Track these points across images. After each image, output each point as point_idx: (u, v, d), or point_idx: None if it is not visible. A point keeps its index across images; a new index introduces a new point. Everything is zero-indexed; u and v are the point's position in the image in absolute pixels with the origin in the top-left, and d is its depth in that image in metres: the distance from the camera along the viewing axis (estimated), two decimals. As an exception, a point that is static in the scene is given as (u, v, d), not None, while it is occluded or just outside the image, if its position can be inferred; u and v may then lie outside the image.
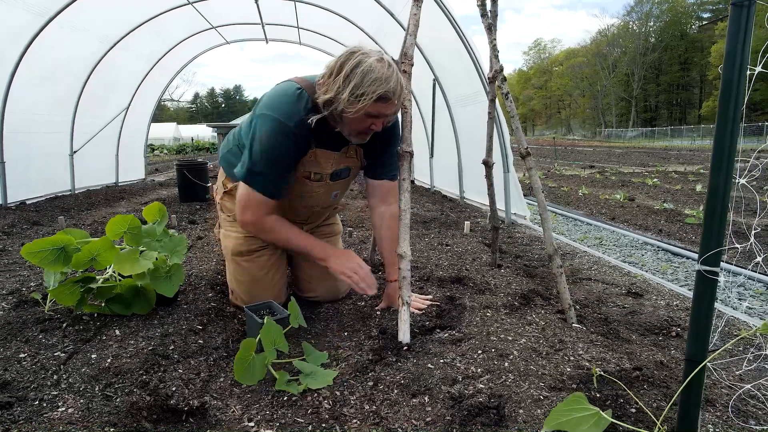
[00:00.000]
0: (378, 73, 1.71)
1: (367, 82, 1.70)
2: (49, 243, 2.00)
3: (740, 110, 1.04)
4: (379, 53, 1.78)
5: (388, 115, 1.83)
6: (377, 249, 2.39)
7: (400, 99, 1.83)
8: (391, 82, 1.73)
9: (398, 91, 1.77)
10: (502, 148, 4.97)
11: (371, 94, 1.70)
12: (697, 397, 1.16)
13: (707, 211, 1.11)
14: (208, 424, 1.44)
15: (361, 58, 1.73)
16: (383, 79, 1.71)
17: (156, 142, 31.87)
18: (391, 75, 1.73)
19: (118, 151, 8.54)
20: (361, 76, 1.70)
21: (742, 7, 1.03)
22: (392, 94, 1.75)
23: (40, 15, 5.31)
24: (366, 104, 1.72)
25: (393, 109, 1.83)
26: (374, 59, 1.74)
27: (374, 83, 1.70)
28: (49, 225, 4.57)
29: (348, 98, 1.72)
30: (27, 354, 1.74)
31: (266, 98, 1.96)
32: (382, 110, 1.79)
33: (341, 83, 1.73)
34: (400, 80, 1.78)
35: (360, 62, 1.72)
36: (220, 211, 2.39)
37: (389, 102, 1.77)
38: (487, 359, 1.71)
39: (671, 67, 61.27)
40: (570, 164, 16.76)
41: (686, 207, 6.67)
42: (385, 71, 1.72)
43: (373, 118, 1.81)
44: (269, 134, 1.87)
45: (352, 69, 1.72)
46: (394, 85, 1.74)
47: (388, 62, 1.76)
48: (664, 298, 2.62)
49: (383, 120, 1.85)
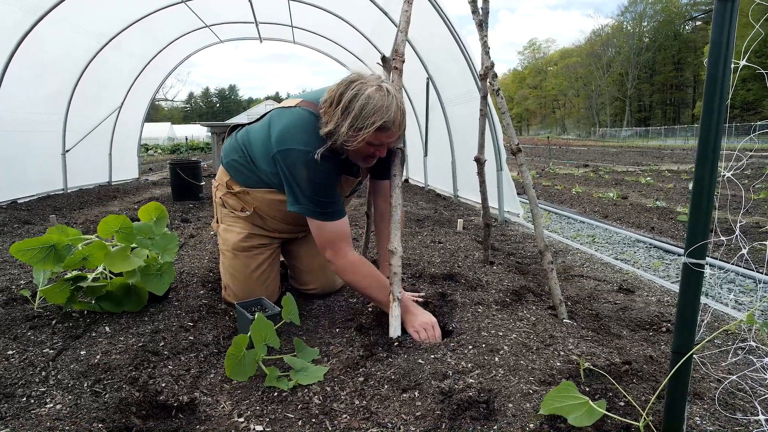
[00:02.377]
0: (376, 103, 1.69)
1: (366, 113, 1.68)
2: (39, 241, 1.99)
3: (725, 103, 1.05)
4: (377, 80, 1.76)
5: (390, 142, 1.82)
6: (377, 245, 2.39)
7: (401, 126, 1.80)
8: (390, 111, 1.71)
9: (398, 119, 1.75)
10: (495, 146, 4.98)
11: (370, 126, 1.69)
12: (684, 388, 1.17)
13: (693, 204, 1.12)
14: (198, 420, 1.43)
15: (360, 88, 1.71)
16: (382, 109, 1.69)
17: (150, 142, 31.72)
18: (390, 104, 1.71)
19: (111, 150, 8.50)
20: (360, 108, 1.69)
21: (726, 2, 1.04)
22: (392, 123, 1.73)
23: (30, 12, 5.27)
24: (366, 135, 1.71)
25: (395, 136, 1.81)
26: (373, 89, 1.71)
27: (373, 114, 1.68)
28: (41, 224, 4.54)
29: (347, 131, 1.71)
30: (15, 351, 1.73)
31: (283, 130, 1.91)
32: (383, 139, 1.78)
33: (340, 115, 1.72)
34: (400, 107, 1.76)
35: (358, 93, 1.70)
36: (221, 207, 2.35)
37: (389, 131, 1.76)
38: (477, 354, 1.72)
39: (665, 67, 61.57)
40: (564, 163, 16.82)
41: (678, 205, 6.71)
42: (384, 101, 1.70)
43: (375, 146, 1.80)
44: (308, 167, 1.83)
45: (350, 100, 1.70)
46: (394, 115, 1.72)
47: (387, 90, 1.74)
48: (655, 294, 2.64)
49: (386, 146, 1.84)
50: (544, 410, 1.22)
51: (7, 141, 5.70)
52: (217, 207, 2.41)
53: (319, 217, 1.90)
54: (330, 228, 1.91)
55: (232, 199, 2.27)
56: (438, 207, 5.80)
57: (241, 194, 2.23)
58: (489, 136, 4.79)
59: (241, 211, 2.26)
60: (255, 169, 2.10)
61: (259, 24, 8.52)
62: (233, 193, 2.25)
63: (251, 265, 2.26)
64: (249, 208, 2.23)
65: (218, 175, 2.36)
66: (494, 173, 4.94)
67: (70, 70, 6.78)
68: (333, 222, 1.91)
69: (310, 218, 1.92)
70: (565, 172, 13.12)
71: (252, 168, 2.12)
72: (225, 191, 2.29)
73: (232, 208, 2.29)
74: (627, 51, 61.70)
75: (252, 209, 2.23)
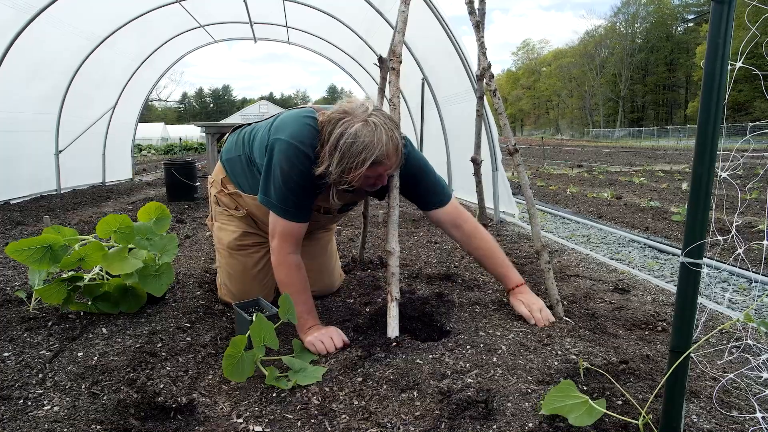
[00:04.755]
0: (364, 140, 1.67)
1: (354, 152, 1.67)
2: (35, 241, 1.97)
3: (722, 102, 1.06)
4: (365, 113, 1.73)
5: (385, 172, 1.81)
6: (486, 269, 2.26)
7: (396, 156, 1.79)
8: (378, 147, 1.68)
9: (389, 151, 1.73)
10: (491, 146, 5.00)
11: (361, 164, 1.68)
12: (682, 386, 1.18)
13: (690, 204, 1.13)
14: (197, 421, 1.43)
15: (346, 126, 1.69)
16: (371, 145, 1.67)
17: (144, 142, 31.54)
18: (379, 138, 1.68)
19: (105, 150, 8.45)
20: (347, 147, 1.67)
21: (723, 4, 1.05)
22: (383, 156, 1.71)
23: (23, 11, 5.23)
24: (357, 173, 1.70)
25: (390, 166, 1.80)
26: (359, 125, 1.69)
27: (363, 152, 1.67)
28: (34, 225, 4.51)
29: (336, 171, 1.71)
30: (11, 353, 1.72)
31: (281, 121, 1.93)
32: (379, 171, 1.77)
33: (328, 155, 1.72)
34: (390, 139, 1.72)
35: (344, 132, 1.68)
36: (215, 204, 2.36)
37: (383, 164, 1.75)
38: (475, 354, 1.72)
39: (657, 68, 61.97)
40: (558, 163, 16.89)
41: (672, 205, 6.75)
42: (372, 136, 1.68)
43: (373, 178, 1.79)
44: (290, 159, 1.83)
45: (337, 140, 1.69)
46: (384, 148, 1.70)
47: (374, 124, 1.71)
48: (651, 293, 2.65)
49: (385, 176, 1.83)
50: (545, 410, 1.23)
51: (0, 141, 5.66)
52: (211, 204, 2.41)
53: (280, 212, 1.89)
54: (285, 225, 1.91)
55: (226, 197, 2.28)
56: (433, 207, 5.80)
57: (234, 195, 2.24)
58: (485, 136, 4.81)
59: (235, 209, 2.27)
60: (251, 165, 2.11)
61: (254, 24, 8.50)
62: (227, 192, 2.26)
63: (247, 263, 2.26)
64: (242, 209, 2.25)
65: (214, 172, 2.37)
66: (490, 173, 4.95)
67: (63, 70, 6.73)
68: (289, 222, 1.91)
69: (271, 211, 1.92)
70: (559, 172, 13.17)
71: (249, 164, 2.12)
72: (219, 188, 2.30)
73: (226, 206, 2.29)
74: (620, 52, 62.06)
75: (245, 211, 2.24)
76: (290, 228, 1.91)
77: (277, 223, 1.91)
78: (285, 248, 1.92)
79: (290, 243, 1.93)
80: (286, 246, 1.92)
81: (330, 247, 2.51)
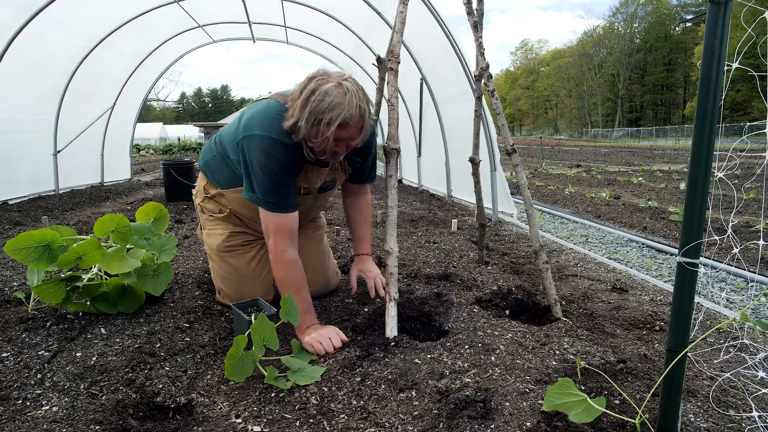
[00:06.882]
0: (333, 98, 1.71)
1: (323, 108, 1.70)
2: (34, 240, 1.97)
3: (719, 103, 1.06)
4: (340, 77, 1.78)
5: (350, 138, 1.84)
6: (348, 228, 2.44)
7: (362, 124, 1.82)
8: (346, 109, 1.71)
9: (355, 117, 1.76)
10: (489, 146, 5.00)
11: (326, 122, 1.71)
12: (679, 386, 1.18)
13: (687, 204, 1.13)
14: (195, 421, 1.43)
15: (319, 83, 1.74)
16: (339, 105, 1.71)
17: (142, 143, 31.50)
18: (348, 102, 1.72)
19: (104, 150, 8.43)
20: (318, 103, 1.71)
21: (719, 5, 1.06)
22: (349, 119, 1.74)
23: (21, 11, 5.21)
24: (324, 131, 1.73)
25: (354, 133, 1.82)
26: (332, 85, 1.73)
27: (330, 110, 1.70)
28: (33, 225, 4.50)
29: (305, 125, 1.74)
30: (10, 353, 1.72)
31: (249, 118, 1.96)
32: (341, 134, 1.79)
33: (299, 109, 1.75)
34: (359, 105, 1.76)
35: (316, 89, 1.73)
36: (200, 212, 2.41)
37: (348, 127, 1.77)
38: (473, 354, 1.73)
39: (656, 68, 62.02)
40: (557, 163, 16.90)
41: (670, 205, 6.77)
42: (340, 98, 1.71)
43: (336, 141, 1.81)
44: (265, 152, 1.86)
45: (309, 95, 1.73)
46: (350, 112, 1.73)
47: (347, 88, 1.75)
48: (648, 293, 2.66)
49: (346, 143, 1.85)
50: (546, 407, 1.24)
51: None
52: (198, 214, 2.45)
53: (268, 206, 1.92)
54: (276, 219, 1.93)
55: (210, 203, 2.33)
56: (432, 207, 5.81)
57: (217, 197, 2.29)
58: (483, 136, 4.81)
59: (219, 212, 2.31)
60: (227, 160, 2.14)
61: (253, 24, 8.49)
62: (210, 197, 2.31)
63: (240, 264, 2.26)
64: (225, 209, 2.28)
65: (198, 182, 2.44)
66: (488, 173, 4.96)
67: (61, 70, 6.71)
68: (280, 214, 1.93)
69: (260, 207, 1.95)
70: (557, 172, 13.19)
71: (225, 160, 2.16)
72: (203, 197, 2.35)
73: (211, 212, 2.34)
74: (618, 52, 62.11)
75: (228, 210, 2.28)
76: (282, 221, 1.94)
77: (269, 218, 1.94)
78: (281, 245, 1.94)
79: (285, 238, 1.95)
80: (281, 242, 1.94)
81: (322, 245, 2.52)
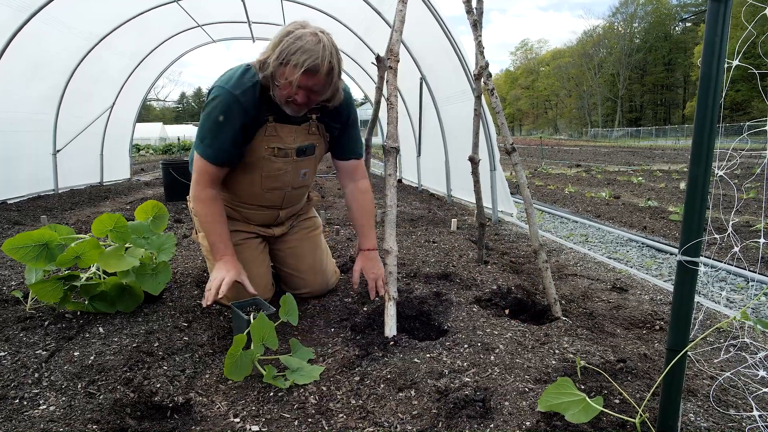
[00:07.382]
0: (305, 44, 1.76)
1: (293, 49, 1.76)
2: (32, 239, 1.96)
3: (719, 101, 1.06)
4: (317, 29, 1.83)
5: (313, 89, 1.86)
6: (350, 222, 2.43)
7: (330, 80, 1.85)
8: (314, 56, 1.76)
9: (323, 68, 1.79)
10: (489, 146, 5.00)
11: (294, 63, 1.76)
12: (679, 385, 1.18)
13: (688, 202, 1.13)
14: (193, 421, 1.43)
15: (295, 28, 1.81)
16: (309, 51, 1.75)
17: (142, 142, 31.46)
18: (320, 49, 1.77)
19: (103, 150, 8.43)
20: (289, 44, 1.77)
21: (720, 2, 1.05)
22: (317, 68, 1.77)
23: (20, 10, 5.20)
24: (289, 72, 1.78)
25: (318, 83, 1.84)
26: (308, 32, 1.80)
27: (300, 53, 1.75)
28: (32, 225, 4.50)
29: (274, 62, 1.80)
30: (7, 353, 1.71)
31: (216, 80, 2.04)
32: (305, 82, 1.82)
33: (271, 47, 1.82)
34: (329, 60, 1.80)
35: (291, 31, 1.80)
36: (194, 215, 2.37)
37: (315, 75, 1.80)
38: (473, 353, 1.72)
39: (656, 68, 62.01)
40: (556, 163, 16.89)
41: (670, 204, 6.76)
42: (313, 45, 1.76)
43: (299, 88, 1.84)
44: (214, 103, 1.94)
45: (284, 37, 1.80)
46: (318, 62, 1.76)
47: (321, 39, 1.80)
48: (648, 293, 2.66)
49: (308, 93, 1.87)
50: (542, 407, 1.23)
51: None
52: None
53: (199, 149, 2.01)
54: (199, 163, 2.01)
55: None
56: (431, 207, 5.81)
57: None
58: (482, 135, 4.81)
59: None
60: None
61: (252, 24, 8.48)
62: None
63: None
64: None
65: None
66: (488, 173, 4.95)
67: (61, 70, 6.71)
68: (204, 159, 2.00)
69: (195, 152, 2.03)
70: (557, 171, 13.18)
71: None
72: None
73: None
74: (618, 52, 62.10)
75: None
76: (208, 168, 2.01)
77: (198, 163, 2.03)
78: (201, 184, 2.03)
79: (205, 180, 2.03)
80: (201, 182, 2.03)
81: (319, 245, 2.50)
